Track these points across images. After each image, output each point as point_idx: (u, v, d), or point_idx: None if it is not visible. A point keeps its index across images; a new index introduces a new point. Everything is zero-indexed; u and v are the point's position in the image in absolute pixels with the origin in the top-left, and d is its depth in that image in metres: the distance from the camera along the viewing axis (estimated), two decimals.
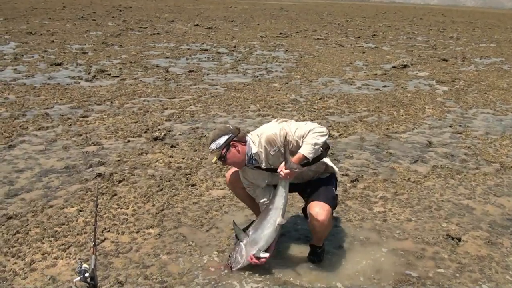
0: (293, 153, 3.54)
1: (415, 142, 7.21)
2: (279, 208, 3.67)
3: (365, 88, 11.31)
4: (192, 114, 8.26)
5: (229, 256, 3.81)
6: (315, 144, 3.48)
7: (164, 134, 6.97)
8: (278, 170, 3.53)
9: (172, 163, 5.97)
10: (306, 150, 3.47)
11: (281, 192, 3.68)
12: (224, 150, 3.59)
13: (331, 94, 10.38)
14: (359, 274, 3.81)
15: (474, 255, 4.13)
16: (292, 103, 9.31)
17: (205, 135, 7.05)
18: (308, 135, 3.51)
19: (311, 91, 10.58)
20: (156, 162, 5.99)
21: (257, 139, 3.66)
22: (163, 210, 4.73)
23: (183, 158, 6.13)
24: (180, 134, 7.13)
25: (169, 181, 5.40)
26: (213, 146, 3.60)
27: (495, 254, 4.17)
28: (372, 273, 3.82)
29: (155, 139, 6.79)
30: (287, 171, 3.49)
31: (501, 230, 4.63)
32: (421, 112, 9.06)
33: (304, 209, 3.86)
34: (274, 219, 3.67)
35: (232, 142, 3.61)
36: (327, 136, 3.58)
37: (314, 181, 3.89)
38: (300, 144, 3.52)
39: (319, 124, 3.74)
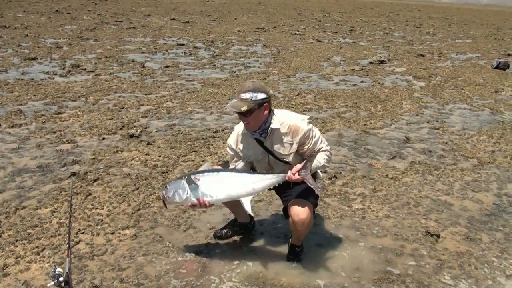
0: (301, 157, 3.65)
1: (392, 138, 7.24)
2: (255, 190, 3.51)
3: (342, 83, 11.32)
4: (169, 110, 8.15)
5: (166, 187, 3.51)
6: (323, 166, 3.67)
7: (140, 131, 6.85)
8: (293, 172, 3.43)
9: (149, 161, 5.87)
10: (315, 165, 3.55)
11: (270, 181, 3.50)
12: (257, 106, 3.46)
13: (309, 89, 10.37)
14: (339, 272, 3.79)
15: (453, 251, 4.16)
16: None
17: (182, 132, 6.96)
18: (321, 152, 3.65)
19: (289, 87, 10.54)
20: (131, 160, 5.88)
21: (282, 118, 3.63)
22: (139, 210, 4.63)
23: (160, 156, 6.03)
24: (156, 131, 7.01)
25: (145, 179, 5.30)
26: (248, 95, 3.43)
27: (474, 250, 4.20)
28: (352, 271, 3.81)
29: (131, 136, 6.67)
30: (298, 176, 3.42)
31: (479, 225, 4.67)
32: (398, 108, 9.11)
33: (285, 209, 3.79)
34: (242, 191, 3.46)
35: (266, 103, 3.51)
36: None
37: (295, 183, 3.84)
38: (311, 149, 3.64)
39: None
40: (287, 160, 3.67)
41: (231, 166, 3.78)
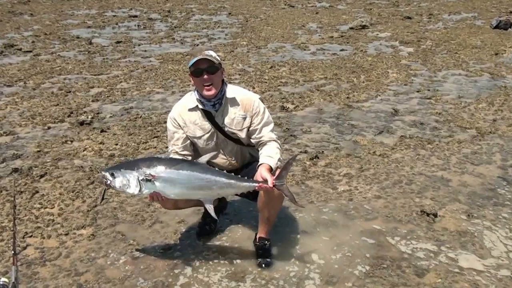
0: (247, 137, 3.77)
1: (379, 111, 7.34)
2: (220, 195, 3.56)
3: (320, 53, 11.39)
4: (124, 92, 8.09)
5: (113, 175, 3.40)
6: (279, 160, 3.66)
7: (92, 117, 6.80)
8: (270, 183, 3.38)
9: (104, 150, 5.84)
10: (274, 163, 3.57)
11: (238, 190, 3.51)
12: (220, 65, 3.64)
13: (282, 61, 10.41)
14: (327, 261, 3.86)
15: (453, 231, 4.27)
16: (239, 74, 9.25)
17: (140, 116, 6.92)
18: (274, 142, 3.73)
19: (260, 59, 10.56)
20: (84, 150, 5.84)
21: (234, 91, 3.78)
22: (95, 206, 4.62)
23: (117, 144, 6.01)
24: (110, 117, 6.97)
25: (101, 172, 5.26)
26: (212, 53, 3.60)
27: (478, 228, 4.32)
28: (341, 258, 3.89)
29: (81, 123, 6.62)
30: (271, 186, 3.39)
31: (482, 201, 4.79)
32: (384, 78, 9.22)
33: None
34: (205, 195, 3.44)
35: (223, 67, 3.72)
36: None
37: (249, 163, 3.96)
38: (258, 137, 3.74)
39: (271, 96, 3.76)
40: (238, 137, 3.77)
41: (170, 147, 3.82)
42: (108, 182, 3.39)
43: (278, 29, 14.32)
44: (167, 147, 5.78)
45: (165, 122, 6.50)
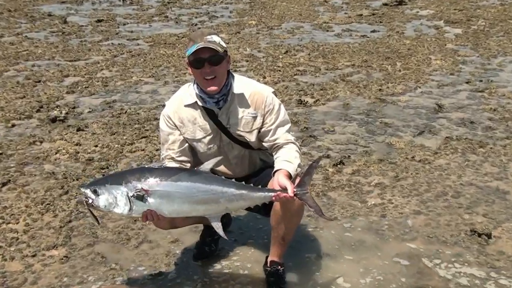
0: (258, 140, 3.72)
1: (419, 107, 7.33)
2: (228, 209, 3.53)
3: (346, 35, 11.40)
4: (105, 82, 8.13)
5: (95, 191, 3.30)
6: (299, 165, 3.61)
7: (66, 113, 6.84)
8: (290, 191, 3.30)
9: (80, 153, 5.86)
10: (293, 169, 3.51)
11: (251, 201, 3.45)
12: (226, 53, 3.61)
13: (300, 45, 10.42)
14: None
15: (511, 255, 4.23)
16: (247, 60, 9.26)
17: (125, 111, 6.94)
18: (292, 145, 3.67)
19: (273, 43, 10.58)
20: (56, 153, 5.86)
21: (243, 83, 3.74)
22: (70, 221, 4.63)
23: (96, 146, 6.03)
24: (89, 112, 7.01)
25: (77, 179, 5.29)
26: (216, 38, 3.54)
27: None
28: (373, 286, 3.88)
29: (53, 120, 6.65)
30: (292, 195, 3.32)
31: None
32: (425, 65, 9.20)
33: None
34: (210, 210, 3.40)
35: (229, 55, 3.68)
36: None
37: (261, 170, 3.93)
38: (272, 140, 3.68)
39: (286, 88, 3.75)
40: (247, 140, 3.73)
41: (164, 152, 3.78)
42: (90, 201, 3.30)
43: (294, 5, 14.35)
44: (158, 150, 5.82)
45: (156, 119, 6.59)
